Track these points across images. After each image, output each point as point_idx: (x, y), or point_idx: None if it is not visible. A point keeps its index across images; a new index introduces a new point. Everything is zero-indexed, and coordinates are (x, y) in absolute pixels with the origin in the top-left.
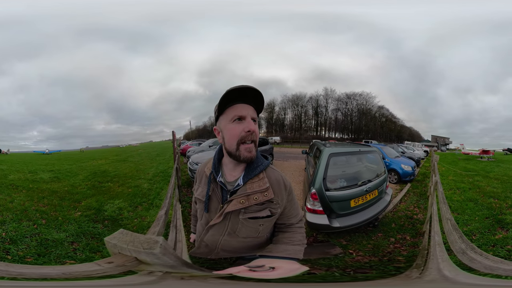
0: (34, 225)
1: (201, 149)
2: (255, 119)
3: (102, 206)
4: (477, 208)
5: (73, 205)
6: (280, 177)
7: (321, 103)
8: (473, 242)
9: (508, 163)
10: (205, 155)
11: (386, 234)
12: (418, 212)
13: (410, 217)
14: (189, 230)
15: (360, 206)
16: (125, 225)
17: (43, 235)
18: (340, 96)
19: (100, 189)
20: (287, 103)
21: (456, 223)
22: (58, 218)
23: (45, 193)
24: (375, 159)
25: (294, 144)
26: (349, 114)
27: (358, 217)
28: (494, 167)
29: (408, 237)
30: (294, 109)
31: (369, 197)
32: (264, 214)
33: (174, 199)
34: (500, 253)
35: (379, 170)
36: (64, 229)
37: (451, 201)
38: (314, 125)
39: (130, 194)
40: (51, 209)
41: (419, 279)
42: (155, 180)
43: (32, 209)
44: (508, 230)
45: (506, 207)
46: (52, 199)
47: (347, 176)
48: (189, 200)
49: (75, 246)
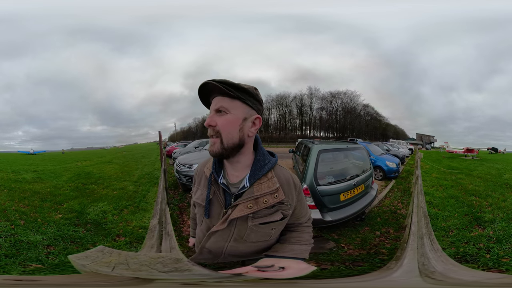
0: (12, 226)
1: (187, 150)
2: (222, 108)
3: (85, 209)
4: (457, 205)
5: (54, 206)
6: (289, 176)
7: (305, 102)
8: (448, 237)
9: (491, 162)
10: (192, 156)
11: (372, 228)
12: (401, 207)
13: (394, 212)
14: (180, 235)
15: (349, 200)
16: (110, 229)
17: (18, 236)
18: (325, 95)
19: (83, 191)
20: (271, 103)
21: (428, 212)
22: (37, 220)
23: (27, 193)
24: (361, 156)
25: (279, 143)
26: (334, 112)
27: (348, 211)
28: (478, 166)
29: (392, 230)
30: (278, 109)
31: (357, 191)
32: (276, 218)
33: (162, 203)
34: (469, 250)
35: (365, 166)
36: (42, 232)
37: (433, 197)
38: (299, 125)
39: (115, 196)
40: (31, 210)
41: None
42: (140, 182)
43: (12, 209)
44: (485, 228)
45: (486, 205)
46: (33, 200)
47: (335, 173)
48: (177, 203)
49: (50, 250)
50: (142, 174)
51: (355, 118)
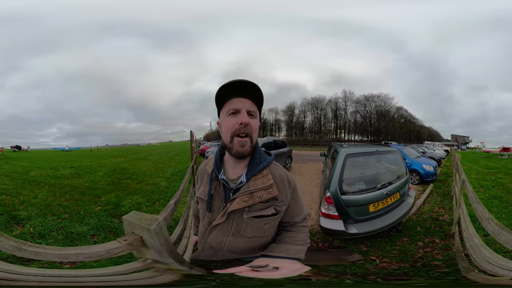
0: (59, 219)
1: None
2: (253, 112)
3: (121, 201)
4: (502, 206)
5: (93, 200)
6: (284, 174)
7: (340, 106)
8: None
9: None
10: None
11: (412, 238)
12: (443, 213)
13: (436, 219)
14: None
15: (380, 210)
16: None
17: (68, 229)
18: (359, 99)
19: (119, 185)
20: (306, 106)
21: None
22: (80, 212)
23: (67, 188)
24: (395, 160)
25: (314, 147)
26: (368, 116)
27: (379, 223)
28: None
29: (438, 239)
30: (313, 112)
31: (390, 200)
32: (269, 213)
33: (188, 196)
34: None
35: (399, 171)
36: (86, 223)
37: None
38: (334, 128)
39: (148, 191)
40: (73, 204)
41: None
42: (173, 179)
43: (55, 204)
44: None
45: None
46: (73, 194)
47: (366, 179)
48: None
49: (95, 239)
50: (175, 171)
51: (389, 121)
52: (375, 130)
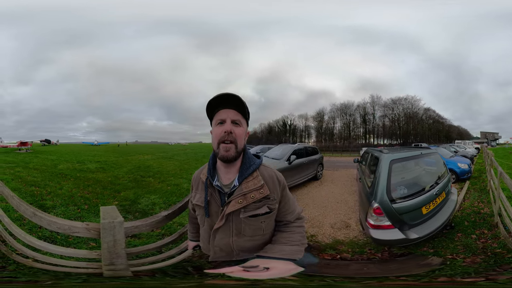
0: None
1: None
2: (237, 121)
3: (138, 199)
4: None
5: (113, 194)
6: (273, 174)
7: (368, 111)
8: None
9: None
10: None
11: (465, 232)
12: (483, 207)
13: (478, 212)
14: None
15: (432, 211)
16: None
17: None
18: (386, 102)
19: (140, 182)
20: (335, 112)
21: None
22: (98, 205)
23: (90, 181)
24: (433, 161)
25: (344, 152)
26: (396, 119)
27: (434, 223)
28: None
29: (486, 230)
30: (342, 118)
31: (439, 200)
32: (263, 211)
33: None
34: None
35: (439, 172)
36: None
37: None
38: (363, 133)
39: (168, 191)
40: (94, 196)
41: None
42: None
43: (78, 195)
44: None
45: None
46: (95, 188)
47: (407, 183)
48: None
49: None
50: None
51: (417, 122)
52: (404, 132)
